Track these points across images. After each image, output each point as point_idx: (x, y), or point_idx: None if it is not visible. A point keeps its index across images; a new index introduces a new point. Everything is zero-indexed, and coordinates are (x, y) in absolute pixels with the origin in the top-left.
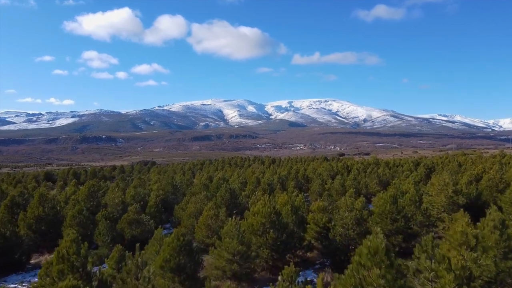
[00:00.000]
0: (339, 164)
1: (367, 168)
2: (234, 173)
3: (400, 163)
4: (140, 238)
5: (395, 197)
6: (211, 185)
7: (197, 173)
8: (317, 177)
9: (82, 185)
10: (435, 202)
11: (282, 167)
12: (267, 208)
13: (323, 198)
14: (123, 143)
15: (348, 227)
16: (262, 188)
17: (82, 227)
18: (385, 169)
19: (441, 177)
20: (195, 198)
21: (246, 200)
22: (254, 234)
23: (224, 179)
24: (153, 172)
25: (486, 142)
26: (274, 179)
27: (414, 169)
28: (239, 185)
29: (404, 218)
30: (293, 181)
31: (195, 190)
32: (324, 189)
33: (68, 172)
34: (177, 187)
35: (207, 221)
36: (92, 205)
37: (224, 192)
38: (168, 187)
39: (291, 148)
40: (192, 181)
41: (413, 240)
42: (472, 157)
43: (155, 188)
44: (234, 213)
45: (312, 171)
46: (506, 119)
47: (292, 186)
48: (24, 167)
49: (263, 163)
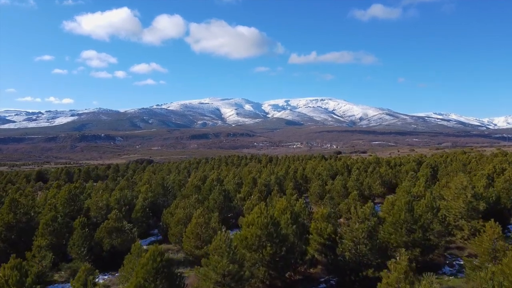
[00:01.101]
0: (339, 163)
1: (368, 168)
2: (230, 173)
3: (402, 162)
4: (120, 248)
5: (411, 204)
6: (203, 187)
7: (193, 172)
8: (316, 177)
9: None
10: (452, 207)
11: (279, 166)
12: (263, 218)
13: (324, 201)
14: (122, 141)
15: (359, 241)
16: (258, 190)
17: (56, 236)
18: (387, 169)
19: (457, 179)
20: (184, 202)
21: (242, 203)
22: (248, 249)
23: (218, 179)
24: (147, 171)
25: (481, 140)
26: (271, 179)
27: (417, 169)
28: (234, 186)
29: (422, 229)
30: (291, 182)
31: (187, 192)
32: (325, 190)
33: (61, 172)
34: (168, 188)
35: (196, 229)
36: (73, 210)
37: (217, 195)
38: (158, 189)
39: (288, 146)
40: (186, 180)
41: (431, 253)
42: (473, 156)
43: (144, 190)
44: (228, 216)
45: (310, 171)
46: (501, 117)
47: (290, 187)
48: (22, 166)
49: (260, 161)
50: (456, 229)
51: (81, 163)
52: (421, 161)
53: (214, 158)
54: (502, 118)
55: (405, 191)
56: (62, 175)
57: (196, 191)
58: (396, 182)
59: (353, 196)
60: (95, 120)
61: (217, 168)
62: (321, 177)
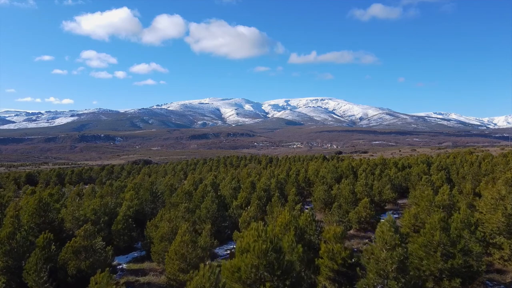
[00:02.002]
0: (343, 164)
1: (374, 169)
2: (227, 175)
3: (409, 163)
4: (90, 272)
5: (446, 221)
6: (195, 194)
7: (190, 174)
8: (320, 180)
9: (66, 186)
10: (488, 221)
11: (280, 168)
12: (262, 243)
13: (332, 211)
14: (122, 141)
15: (388, 275)
16: (257, 196)
17: (13, 257)
18: (396, 171)
19: (494, 188)
20: (169, 214)
21: (238, 212)
22: (242, 283)
23: (214, 184)
24: (142, 173)
25: (481, 140)
26: (271, 183)
27: (428, 171)
28: (230, 191)
29: (462, 252)
30: (293, 187)
31: (176, 200)
32: (331, 196)
33: (52, 173)
34: (157, 194)
35: (181, 249)
36: (44, 223)
37: (210, 203)
38: (146, 195)
39: (288, 146)
40: (182, 183)
41: (473, 282)
42: (482, 157)
43: (128, 197)
44: (223, 226)
45: (314, 173)
46: (501, 116)
47: (293, 193)
48: (19, 166)
49: (260, 162)
50: (494, 247)
51: (79, 164)
52: (429, 162)
53: (213, 159)
54: (502, 117)
55: (427, 200)
56: (52, 177)
57: (187, 199)
58: (406, 186)
59: (363, 204)
60: (95, 120)
61: (215, 169)
62: (325, 180)
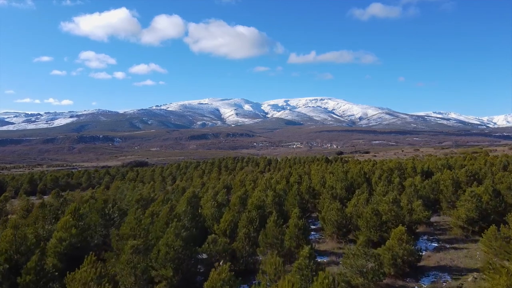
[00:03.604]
0: (353, 170)
1: (391, 176)
2: (219, 182)
3: (430, 168)
4: None
5: None
6: (156, 221)
7: (178, 179)
8: (328, 191)
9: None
10: None
11: (279, 172)
12: None
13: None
14: (121, 142)
15: None
16: (247, 218)
17: None
18: (420, 179)
19: None
20: (88, 273)
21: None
22: None
23: (194, 196)
24: (127, 179)
25: (481, 139)
26: (268, 196)
27: (457, 178)
28: (213, 211)
29: None
30: (295, 201)
31: (126, 231)
32: (345, 216)
33: (24, 179)
34: (111, 218)
35: None
36: None
37: (174, 238)
38: (95, 218)
39: (288, 147)
40: (160, 195)
41: None
42: (502, 157)
43: (61, 227)
44: (192, 272)
45: (319, 181)
46: (500, 116)
47: (295, 216)
48: (12, 169)
49: (257, 165)
50: None
51: (75, 165)
52: (450, 166)
53: (206, 162)
54: (501, 116)
55: None
56: (24, 184)
57: (143, 229)
58: (436, 198)
59: (398, 234)
60: (94, 121)
61: (208, 173)
62: (334, 191)
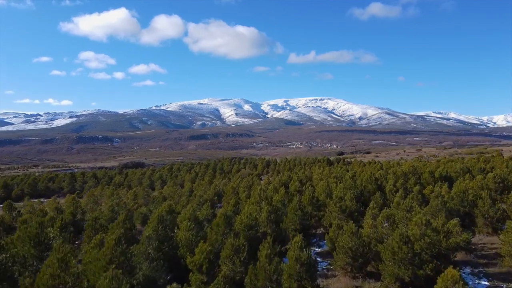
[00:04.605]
0: (363, 174)
1: (406, 183)
2: (209, 189)
3: (448, 173)
4: None
5: None
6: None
7: (168, 183)
8: (335, 203)
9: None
10: None
11: (278, 175)
12: None
13: None
14: (120, 142)
15: None
16: (232, 246)
17: None
18: (447, 189)
19: None
20: None
21: None
22: None
23: (171, 211)
24: (113, 184)
25: (481, 138)
26: (262, 211)
27: (486, 186)
28: (188, 234)
29: None
30: (296, 217)
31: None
32: (363, 243)
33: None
34: (48, 246)
35: None
36: None
37: None
38: (26, 247)
39: (288, 147)
40: (153, 197)
41: None
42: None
43: None
44: None
45: (324, 190)
46: (500, 115)
47: (297, 245)
48: (6, 170)
49: (255, 167)
50: None
51: (71, 166)
52: (469, 169)
53: (201, 164)
54: (501, 116)
55: None
56: None
57: (71, 278)
58: (466, 212)
59: (450, 281)
60: (93, 121)
61: (201, 177)
62: (343, 203)
